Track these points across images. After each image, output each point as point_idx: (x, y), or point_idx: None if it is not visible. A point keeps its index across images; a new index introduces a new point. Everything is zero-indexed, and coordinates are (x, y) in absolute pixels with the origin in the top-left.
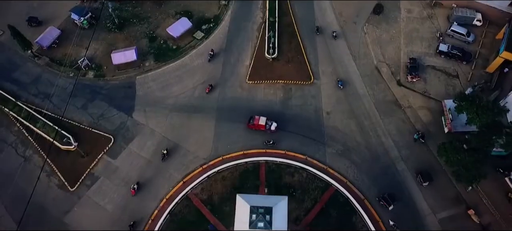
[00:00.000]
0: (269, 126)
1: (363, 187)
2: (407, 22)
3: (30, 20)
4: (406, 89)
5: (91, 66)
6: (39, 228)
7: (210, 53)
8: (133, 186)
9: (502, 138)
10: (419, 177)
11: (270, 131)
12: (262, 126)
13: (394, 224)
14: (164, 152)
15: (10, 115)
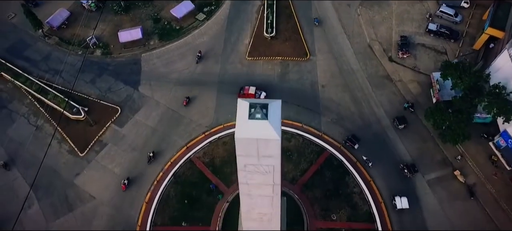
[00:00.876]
0: (258, 95)
1: (356, 151)
2: (399, 5)
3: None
4: (397, 64)
5: (99, 44)
6: (51, 188)
7: (198, 55)
8: (124, 182)
9: (483, 100)
10: (395, 121)
11: None
12: (252, 95)
13: (367, 159)
14: (150, 155)
15: (22, 88)
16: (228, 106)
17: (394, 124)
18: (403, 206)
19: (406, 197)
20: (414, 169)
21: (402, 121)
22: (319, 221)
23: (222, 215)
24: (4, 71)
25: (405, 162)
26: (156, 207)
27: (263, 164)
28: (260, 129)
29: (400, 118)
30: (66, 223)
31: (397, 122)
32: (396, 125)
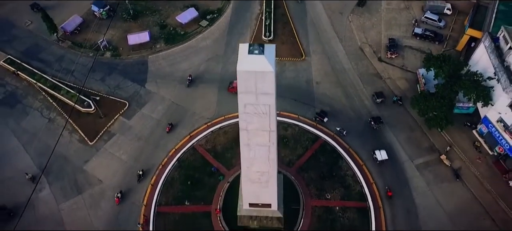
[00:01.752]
0: None
1: (348, 139)
2: (387, 12)
3: (33, 6)
4: (386, 64)
5: (109, 47)
6: (61, 173)
7: (188, 78)
8: (117, 195)
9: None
10: (374, 96)
11: None
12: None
13: (341, 129)
14: (139, 173)
15: (36, 86)
16: (229, 100)
17: (373, 98)
18: (383, 158)
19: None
20: (380, 120)
21: (380, 95)
22: (314, 199)
23: (223, 195)
24: (20, 71)
25: (372, 115)
26: (161, 189)
27: (260, 103)
28: (257, 63)
29: (378, 93)
30: (75, 204)
31: (375, 97)
32: (375, 99)
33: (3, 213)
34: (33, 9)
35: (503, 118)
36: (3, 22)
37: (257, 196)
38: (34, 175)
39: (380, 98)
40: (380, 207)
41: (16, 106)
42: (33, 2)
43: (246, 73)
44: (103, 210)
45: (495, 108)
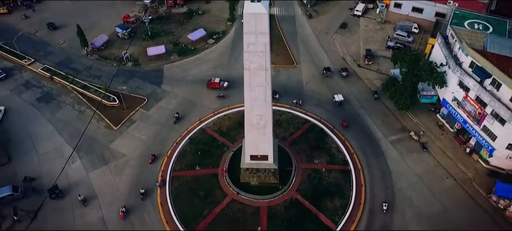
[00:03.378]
0: (222, 84)
1: (333, 122)
2: (365, 32)
3: (49, 25)
4: (364, 69)
5: (130, 59)
6: (90, 150)
7: (175, 116)
8: (122, 209)
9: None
10: (340, 71)
11: (223, 87)
12: (217, 83)
13: (297, 101)
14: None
15: (69, 86)
16: (231, 96)
17: (340, 73)
18: (340, 99)
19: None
20: (329, 70)
21: (345, 70)
22: (304, 164)
23: (227, 160)
24: (55, 75)
25: (325, 66)
26: (175, 159)
27: (259, 42)
28: (256, 7)
29: (343, 68)
30: (102, 172)
31: (341, 71)
32: (341, 73)
33: (56, 192)
34: (49, 27)
35: (456, 96)
36: (40, 42)
37: (256, 146)
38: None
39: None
40: (360, 169)
41: (51, 102)
42: (49, 22)
43: (249, 15)
44: (126, 175)
45: (449, 89)
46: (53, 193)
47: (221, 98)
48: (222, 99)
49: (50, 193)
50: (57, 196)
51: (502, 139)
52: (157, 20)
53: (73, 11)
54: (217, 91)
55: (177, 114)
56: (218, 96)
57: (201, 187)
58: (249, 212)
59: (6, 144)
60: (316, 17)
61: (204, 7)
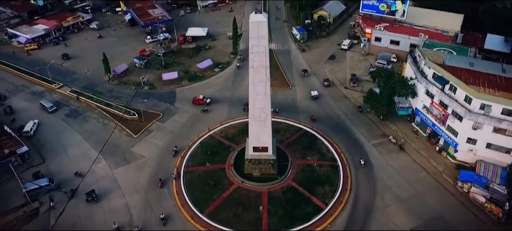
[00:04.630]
0: (205, 100)
1: (323, 130)
2: (351, 62)
3: (63, 56)
4: (350, 90)
5: (147, 83)
6: (114, 153)
7: (174, 149)
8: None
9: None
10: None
11: (206, 103)
12: (201, 99)
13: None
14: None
15: (93, 104)
16: (236, 111)
17: (323, 83)
18: (315, 94)
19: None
20: (307, 71)
21: (327, 81)
22: (299, 160)
23: (233, 158)
24: (81, 96)
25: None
26: (188, 158)
27: (260, 44)
28: (259, 18)
29: (326, 79)
30: (125, 170)
31: (324, 82)
32: (324, 83)
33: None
34: (63, 58)
35: (425, 104)
36: (67, 71)
37: (258, 138)
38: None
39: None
40: (346, 164)
41: (78, 117)
42: (63, 53)
43: (253, 23)
44: (146, 172)
45: (419, 99)
46: (90, 197)
47: (205, 112)
48: (206, 113)
49: (87, 197)
50: (93, 200)
51: (462, 134)
52: (170, 54)
53: (96, 47)
54: (201, 106)
55: (175, 148)
56: (202, 110)
57: (210, 178)
58: (252, 196)
59: (40, 148)
60: (308, 51)
61: (211, 44)
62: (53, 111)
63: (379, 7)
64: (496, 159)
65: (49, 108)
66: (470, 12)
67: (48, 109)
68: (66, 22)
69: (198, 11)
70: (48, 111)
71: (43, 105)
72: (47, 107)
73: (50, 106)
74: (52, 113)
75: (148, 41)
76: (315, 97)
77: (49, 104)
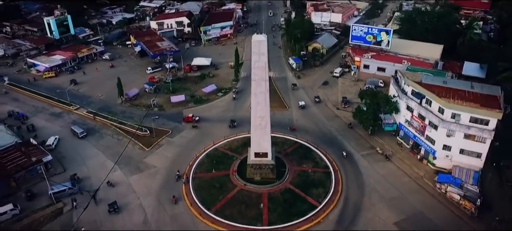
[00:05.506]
0: (194, 118)
1: (317, 143)
2: (342, 87)
3: (71, 81)
4: (342, 110)
5: (156, 105)
6: (128, 163)
7: (177, 174)
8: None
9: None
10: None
11: (195, 120)
12: (190, 117)
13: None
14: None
15: (108, 123)
16: (238, 129)
17: (314, 99)
18: (303, 104)
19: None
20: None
21: (318, 97)
22: (295, 166)
23: (236, 165)
24: (97, 116)
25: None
26: (196, 166)
27: (261, 60)
28: (260, 37)
29: (316, 96)
30: (138, 177)
31: (315, 98)
32: (315, 100)
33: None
34: (71, 83)
35: (406, 118)
36: (83, 95)
37: (259, 144)
38: None
39: (317, 99)
40: (338, 171)
41: (95, 134)
42: (71, 79)
43: (256, 42)
44: (158, 179)
45: (401, 114)
46: (111, 208)
47: (194, 128)
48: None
49: (109, 208)
50: (114, 211)
51: (438, 141)
52: (177, 81)
53: (109, 75)
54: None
55: (178, 172)
56: (192, 126)
57: (216, 182)
58: (254, 197)
59: (61, 159)
60: (303, 77)
61: (214, 72)
62: (83, 137)
63: (366, 38)
64: (469, 163)
65: (80, 134)
66: (449, 43)
67: (79, 135)
68: (81, 53)
69: (202, 44)
70: (79, 137)
71: (74, 131)
72: (78, 133)
73: (81, 132)
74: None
75: (149, 72)
76: (302, 107)
77: (80, 130)
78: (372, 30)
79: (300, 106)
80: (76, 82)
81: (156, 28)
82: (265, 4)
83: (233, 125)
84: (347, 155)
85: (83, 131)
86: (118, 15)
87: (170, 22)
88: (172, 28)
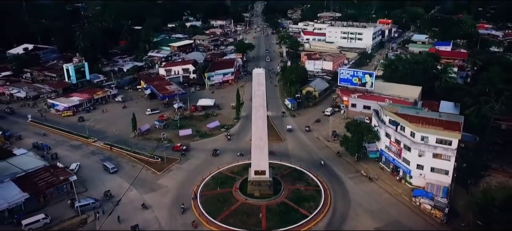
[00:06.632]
0: (183, 148)
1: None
2: (333, 124)
3: (79, 119)
4: (332, 142)
5: (166, 139)
6: (143, 185)
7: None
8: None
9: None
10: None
11: (183, 149)
12: (179, 146)
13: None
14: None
15: (124, 152)
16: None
17: (305, 128)
18: (290, 127)
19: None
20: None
21: (308, 127)
22: (290, 185)
23: (238, 183)
24: (114, 147)
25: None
26: (203, 186)
27: (260, 89)
28: (259, 71)
29: (307, 126)
30: (152, 195)
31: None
32: (305, 129)
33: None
34: (79, 120)
35: (386, 144)
36: (99, 131)
37: (258, 163)
38: None
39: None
40: (327, 189)
41: (111, 161)
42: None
43: (256, 74)
44: (169, 196)
45: (382, 141)
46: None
47: (183, 155)
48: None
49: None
50: None
51: (412, 162)
52: (183, 119)
53: (122, 115)
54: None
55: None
56: (181, 153)
57: (221, 198)
58: (254, 209)
59: (83, 181)
60: (297, 116)
61: (217, 112)
62: (114, 172)
63: (353, 80)
64: (439, 180)
65: (111, 169)
66: (428, 86)
67: (110, 170)
68: (96, 95)
69: (206, 88)
70: (110, 172)
71: (105, 166)
72: (109, 168)
73: (112, 167)
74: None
75: (148, 113)
76: (289, 130)
77: (111, 166)
78: (357, 73)
79: (288, 129)
80: (83, 119)
81: (164, 74)
82: (263, 55)
83: (216, 153)
84: (324, 164)
85: (115, 166)
86: (128, 63)
87: (177, 69)
88: (179, 75)
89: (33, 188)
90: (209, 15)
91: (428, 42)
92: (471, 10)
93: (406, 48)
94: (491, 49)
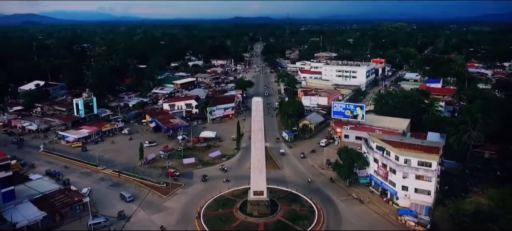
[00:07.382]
0: (174, 172)
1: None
2: (327, 154)
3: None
4: (326, 170)
5: (171, 167)
6: (150, 206)
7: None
8: None
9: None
10: (301, 154)
11: (175, 175)
12: (172, 172)
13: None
14: None
15: (131, 179)
16: (241, 182)
17: (300, 155)
18: (284, 151)
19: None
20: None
21: (303, 154)
22: (286, 206)
23: (239, 204)
24: (122, 174)
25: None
26: (206, 207)
27: (258, 115)
28: (258, 99)
29: (302, 153)
30: (159, 215)
31: (300, 154)
32: (300, 155)
33: None
34: (82, 150)
35: (374, 169)
36: (107, 160)
37: (257, 183)
38: None
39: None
40: (321, 209)
41: (119, 186)
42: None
43: (255, 102)
44: (175, 216)
45: (371, 166)
46: None
47: (176, 179)
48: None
49: None
50: None
51: (398, 183)
52: (187, 149)
53: (128, 146)
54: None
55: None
56: (173, 178)
57: (222, 217)
58: (253, 226)
59: (93, 204)
60: (294, 147)
61: (219, 143)
62: (131, 201)
63: (345, 113)
64: (423, 200)
65: (128, 198)
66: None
67: (127, 199)
68: (105, 128)
69: (208, 122)
70: (127, 201)
71: (122, 195)
72: (126, 197)
73: (129, 196)
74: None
75: (146, 146)
76: (282, 153)
77: (128, 195)
78: (349, 106)
79: (281, 153)
80: (86, 149)
81: (168, 109)
82: (262, 92)
83: (205, 179)
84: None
85: (131, 195)
86: (134, 99)
87: (180, 104)
88: (182, 109)
89: (50, 207)
90: (210, 55)
91: (420, 79)
92: (462, 50)
93: (398, 85)
94: (479, 86)
